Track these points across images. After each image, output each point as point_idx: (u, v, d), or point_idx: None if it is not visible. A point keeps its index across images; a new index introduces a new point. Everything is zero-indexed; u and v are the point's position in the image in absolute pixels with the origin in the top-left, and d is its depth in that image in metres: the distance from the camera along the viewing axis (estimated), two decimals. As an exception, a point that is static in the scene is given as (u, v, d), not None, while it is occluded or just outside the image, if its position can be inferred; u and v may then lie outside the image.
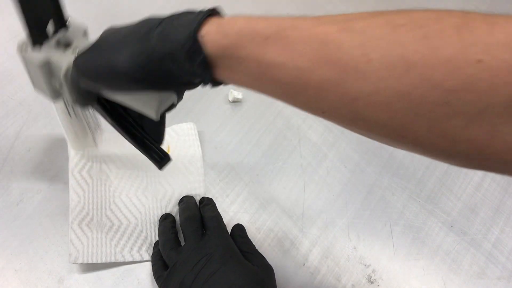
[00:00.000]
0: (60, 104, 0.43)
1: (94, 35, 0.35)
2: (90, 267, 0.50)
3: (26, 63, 0.38)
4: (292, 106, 0.30)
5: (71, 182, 0.54)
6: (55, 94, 0.40)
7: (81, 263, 0.49)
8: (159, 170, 0.55)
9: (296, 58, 0.27)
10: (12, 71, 0.64)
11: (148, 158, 0.42)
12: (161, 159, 0.42)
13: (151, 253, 0.50)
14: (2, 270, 0.49)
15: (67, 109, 0.43)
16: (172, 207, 0.53)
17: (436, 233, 0.54)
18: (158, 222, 0.52)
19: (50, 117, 0.60)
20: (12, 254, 0.50)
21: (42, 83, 0.39)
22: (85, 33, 0.39)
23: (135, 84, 0.32)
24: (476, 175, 0.59)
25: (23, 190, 0.55)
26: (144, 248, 0.51)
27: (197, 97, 0.36)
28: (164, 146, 0.57)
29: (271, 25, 0.28)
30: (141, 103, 0.35)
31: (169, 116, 0.61)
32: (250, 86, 0.30)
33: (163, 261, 0.47)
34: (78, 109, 0.44)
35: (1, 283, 0.49)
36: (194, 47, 0.29)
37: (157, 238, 0.51)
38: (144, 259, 0.50)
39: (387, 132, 0.26)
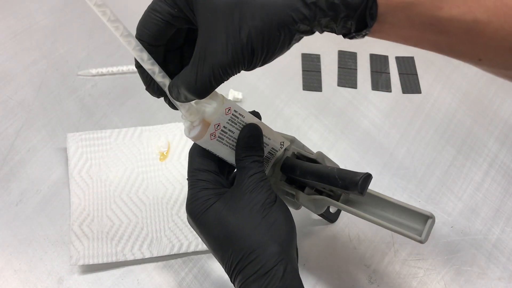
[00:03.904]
0: None
1: (93, 36, 0.35)
2: (90, 268, 0.50)
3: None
4: (443, 54, 0.31)
5: (71, 184, 0.54)
6: None
7: (81, 264, 0.49)
8: (159, 171, 0.55)
9: (473, 11, 0.28)
10: (12, 71, 0.64)
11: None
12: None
13: (152, 251, 0.50)
14: (2, 271, 0.49)
15: None
16: (172, 205, 0.53)
17: (436, 233, 0.54)
18: (158, 219, 0.52)
19: (50, 117, 0.60)
20: (11, 254, 0.50)
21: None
22: None
23: None
24: (477, 175, 0.59)
25: (23, 190, 0.54)
26: (145, 246, 0.51)
27: (197, 97, 0.37)
28: (164, 144, 0.57)
29: None
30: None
31: (170, 116, 0.61)
32: (408, 39, 0.31)
33: None
34: None
35: (1, 284, 0.48)
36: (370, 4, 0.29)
37: (158, 235, 0.51)
38: (146, 257, 0.50)
39: None
